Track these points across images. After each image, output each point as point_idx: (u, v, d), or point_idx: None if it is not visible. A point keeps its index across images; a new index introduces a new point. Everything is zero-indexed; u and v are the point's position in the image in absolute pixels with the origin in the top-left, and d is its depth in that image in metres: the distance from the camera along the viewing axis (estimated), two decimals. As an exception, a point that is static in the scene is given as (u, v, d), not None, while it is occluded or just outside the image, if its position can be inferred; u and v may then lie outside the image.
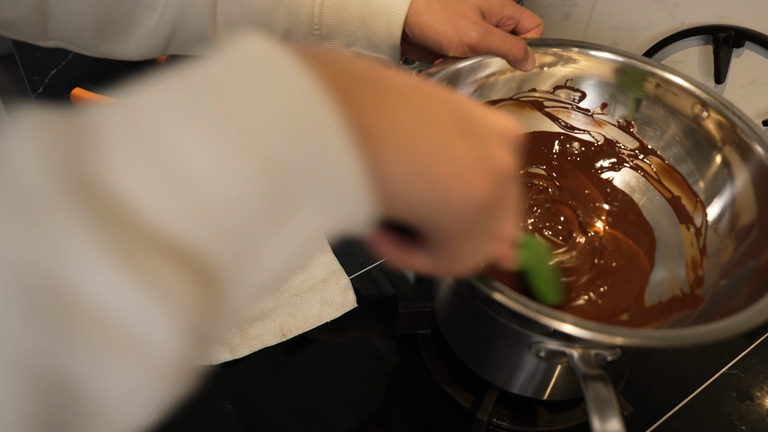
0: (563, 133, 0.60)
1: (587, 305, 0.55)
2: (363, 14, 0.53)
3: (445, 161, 0.23)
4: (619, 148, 0.59)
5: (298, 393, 0.63)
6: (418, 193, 0.23)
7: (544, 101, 0.59)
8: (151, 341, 0.18)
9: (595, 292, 0.56)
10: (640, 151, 0.58)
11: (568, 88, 0.58)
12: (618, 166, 0.59)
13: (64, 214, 0.16)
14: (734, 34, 0.65)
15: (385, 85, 0.23)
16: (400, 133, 0.22)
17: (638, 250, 0.57)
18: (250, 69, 0.19)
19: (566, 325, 0.38)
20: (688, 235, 0.55)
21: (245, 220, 0.19)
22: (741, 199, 0.49)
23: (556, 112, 0.59)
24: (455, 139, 0.24)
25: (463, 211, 0.24)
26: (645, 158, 0.58)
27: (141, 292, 0.17)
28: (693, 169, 0.54)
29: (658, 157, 0.57)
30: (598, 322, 0.51)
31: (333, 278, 0.70)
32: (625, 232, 0.58)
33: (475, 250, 0.28)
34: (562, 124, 0.60)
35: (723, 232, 0.50)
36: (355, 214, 0.21)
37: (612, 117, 0.58)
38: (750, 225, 0.48)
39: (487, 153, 0.25)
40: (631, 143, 0.58)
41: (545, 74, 0.57)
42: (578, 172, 0.60)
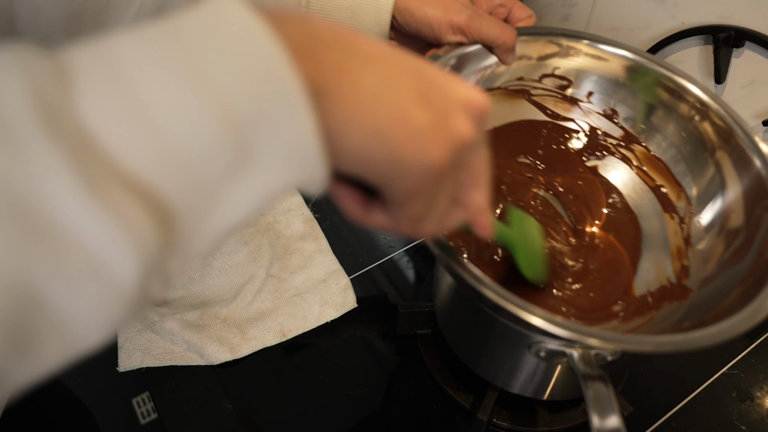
0: (548, 122, 0.60)
1: (578, 297, 0.55)
2: (351, 4, 0.53)
3: (400, 125, 0.24)
4: (604, 136, 0.59)
5: (298, 393, 0.63)
6: (372, 154, 0.24)
7: (530, 90, 0.59)
8: (112, 266, 0.19)
9: (584, 282, 0.56)
10: (625, 139, 0.58)
11: (555, 76, 0.59)
12: (602, 154, 0.60)
13: (41, 144, 0.18)
14: (734, 34, 0.65)
15: (352, 49, 0.24)
16: (358, 96, 0.23)
17: (625, 240, 0.57)
18: (219, 26, 0.21)
19: (562, 330, 0.38)
20: (672, 225, 0.55)
21: (206, 167, 0.21)
22: (731, 202, 0.50)
23: (542, 101, 0.60)
24: (415, 104, 0.25)
25: (416, 173, 0.25)
26: (629, 146, 0.59)
27: (106, 220, 0.19)
28: (678, 158, 0.55)
29: (642, 146, 0.57)
30: (592, 315, 0.52)
31: (333, 278, 0.70)
32: (612, 222, 0.58)
33: (434, 213, 0.29)
34: (549, 112, 0.60)
35: (710, 229, 0.51)
36: (309, 171, 0.23)
37: (598, 107, 0.58)
38: (738, 228, 0.48)
39: (447, 121, 0.26)
40: (616, 132, 0.59)
41: (536, 64, 0.58)
42: (565, 161, 0.60)
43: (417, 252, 0.76)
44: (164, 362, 0.62)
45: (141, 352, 0.63)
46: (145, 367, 0.62)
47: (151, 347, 0.63)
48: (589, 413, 0.43)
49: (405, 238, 0.76)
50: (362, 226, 0.35)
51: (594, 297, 0.55)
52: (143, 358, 0.62)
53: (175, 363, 0.62)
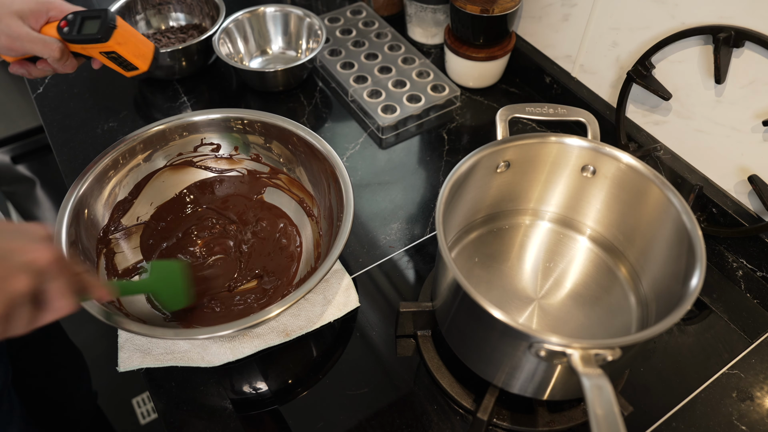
0: (218, 177, 0.79)
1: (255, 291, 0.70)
2: None
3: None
4: (259, 174, 0.79)
5: (298, 393, 0.63)
6: None
7: (193, 159, 0.77)
8: None
9: (260, 280, 0.71)
10: (272, 172, 0.78)
11: (205, 144, 0.77)
12: (262, 188, 0.79)
13: None
14: (734, 34, 0.65)
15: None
16: None
17: (288, 245, 0.74)
18: None
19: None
20: (313, 225, 0.74)
21: None
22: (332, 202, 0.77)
23: (205, 163, 0.78)
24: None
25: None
26: (277, 176, 0.78)
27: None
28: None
29: (285, 173, 0.77)
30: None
31: (335, 278, 0.70)
32: (277, 234, 0.76)
33: (17, 328, 0.43)
34: (214, 170, 0.79)
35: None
36: None
37: (246, 155, 0.78)
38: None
39: (4, 284, 0.40)
40: (264, 168, 0.78)
41: (188, 139, 0.76)
42: (238, 199, 0.79)
43: (417, 252, 0.76)
44: (164, 363, 0.62)
45: (141, 353, 0.63)
46: (145, 367, 0.62)
47: (152, 348, 0.63)
48: (590, 415, 0.43)
49: (404, 243, 0.77)
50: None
51: (271, 293, 0.70)
52: (143, 358, 0.62)
53: (176, 364, 0.62)
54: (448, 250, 0.54)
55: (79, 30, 0.62)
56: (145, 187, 0.74)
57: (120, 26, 0.64)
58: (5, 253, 0.41)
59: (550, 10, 0.89)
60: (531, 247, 0.70)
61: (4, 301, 0.40)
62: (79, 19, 0.63)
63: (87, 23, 0.63)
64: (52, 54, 0.62)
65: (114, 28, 0.63)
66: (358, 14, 1.08)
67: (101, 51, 0.64)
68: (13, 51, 0.62)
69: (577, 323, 0.63)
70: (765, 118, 0.66)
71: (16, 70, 0.66)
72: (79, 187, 0.66)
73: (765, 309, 0.70)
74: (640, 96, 0.80)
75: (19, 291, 0.41)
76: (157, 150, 0.74)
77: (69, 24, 0.63)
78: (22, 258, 0.42)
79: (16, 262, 0.41)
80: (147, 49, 0.68)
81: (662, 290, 0.59)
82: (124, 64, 0.67)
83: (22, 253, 0.42)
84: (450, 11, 0.91)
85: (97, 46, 0.63)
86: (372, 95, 0.93)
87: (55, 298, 0.45)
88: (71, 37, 0.62)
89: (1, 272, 0.40)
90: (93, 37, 0.62)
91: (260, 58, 1.02)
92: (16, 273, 0.41)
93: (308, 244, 0.73)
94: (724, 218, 0.73)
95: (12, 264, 0.41)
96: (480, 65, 0.93)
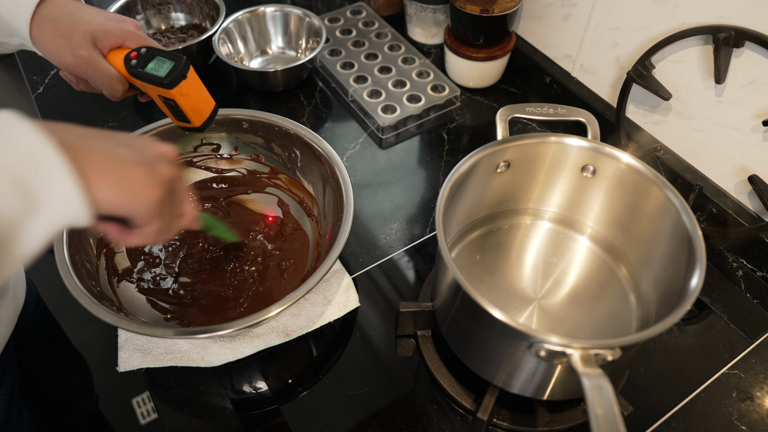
0: (217, 177, 0.80)
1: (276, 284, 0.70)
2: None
3: (128, 180, 0.40)
4: (259, 174, 0.79)
5: (298, 393, 0.63)
6: (118, 199, 0.40)
7: (193, 159, 0.78)
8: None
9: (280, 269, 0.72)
10: (272, 172, 0.79)
11: (205, 144, 0.77)
12: (262, 187, 0.79)
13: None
14: (734, 34, 0.65)
15: (91, 138, 0.40)
16: (100, 167, 0.39)
17: (300, 242, 0.75)
18: (9, 129, 0.35)
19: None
20: (313, 224, 0.75)
21: (7, 212, 0.34)
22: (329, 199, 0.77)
23: (205, 163, 0.79)
24: (133, 165, 0.41)
25: (147, 205, 0.42)
26: (277, 176, 0.78)
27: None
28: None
29: (284, 173, 0.78)
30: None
31: (335, 277, 0.70)
32: (287, 232, 0.76)
33: (167, 225, 0.47)
34: (214, 169, 0.79)
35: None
36: (78, 215, 0.37)
37: (246, 155, 0.79)
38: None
39: (154, 169, 0.42)
40: (264, 168, 0.79)
41: (187, 138, 0.76)
42: (237, 201, 0.79)
43: (417, 252, 0.76)
44: (164, 363, 0.62)
45: (141, 353, 0.63)
46: (145, 367, 0.62)
47: (152, 348, 0.63)
48: (590, 415, 0.43)
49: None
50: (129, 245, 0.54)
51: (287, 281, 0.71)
52: (143, 358, 0.62)
53: (176, 364, 0.62)
54: (448, 250, 0.54)
55: (146, 67, 0.58)
56: (145, 188, 0.74)
57: (189, 78, 0.60)
58: (141, 146, 0.43)
59: (550, 10, 0.89)
60: (531, 247, 0.70)
61: (159, 185, 0.43)
62: (150, 55, 0.59)
63: (157, 62, 0.58)
64: (113, 92, 0.59)
65: (183, 78, 0.59)
66: (358, 14, 1.08)
67: (160, 95, 0.60)
68: (74, 72, 0.59)
69: (577, 323, 0.63)
70: (765, 118, 0.66)
71: (66, 76, 0.62)
72: (79, 187, 0.66)
73: (765, 309, 0.70)
74: (640, 96, 0.80)
75: (168, 176, 0.44)
76: None
77: (138, 58, 0.58)
78: (155, 150, 0.45)
79: (152, 153, 0.44)
80: (207, 107, 0.64)
81: (662, 290, 0.59)
82: (178, 114, 0.63)
83: (153, 147, 0.45)
84: (450, 11, 0.91)
85: (159, 89, 0.59)
86: (372, 95, 0.93)
87: (185, 201, 0.48)
88: (136, 72, 0.58)
89: (148, 159, 0.42)
90: (158, 81, 0.58)
91: (260, 58, 1.02)
92: (157, 161, 0.43)
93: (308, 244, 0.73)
94: (724, 218, 0.73)
95: (150, 153, 0.43)
96: (480, 65, 0.93)
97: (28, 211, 0.35)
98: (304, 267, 0.71)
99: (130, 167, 0.41)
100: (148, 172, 0.42)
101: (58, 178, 0.35)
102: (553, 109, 0.65)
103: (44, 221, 0.36)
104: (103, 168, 0.39)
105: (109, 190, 0.39)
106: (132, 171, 0.41)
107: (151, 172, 0.42)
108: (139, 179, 0.41)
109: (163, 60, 0.59)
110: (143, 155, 0.42)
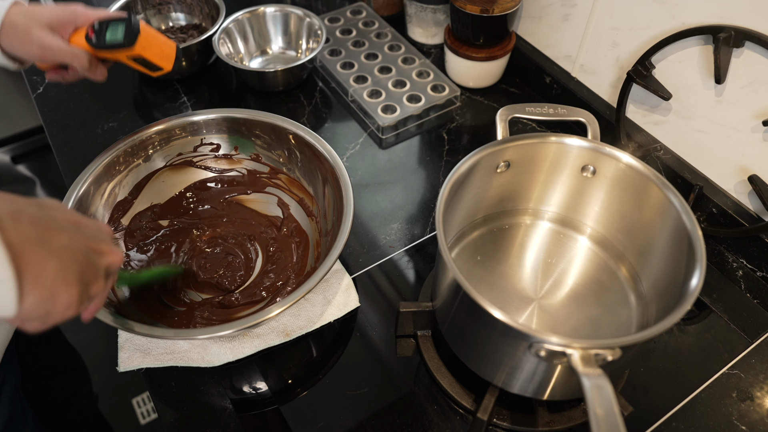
0: (217, 177, 0.79)
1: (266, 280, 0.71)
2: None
3: (55, 291, 0.40)
4: (259, 174, 0.79)
5: (298, 393, 0.63)
6: (41, 311, 0.39)
7: (192, 159, 0.77)
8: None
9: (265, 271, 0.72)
10: (272, 172, 0.78)
11: (205, 144, 0.77)
12: (262, 187, 0.79)
13: None
14: (734, 34, 0.65)
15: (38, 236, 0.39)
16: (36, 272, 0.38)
17: (300, 242, 0.75)
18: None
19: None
20: (313, 224, 0.74)
21: None
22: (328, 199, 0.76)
23: (205, 163, 0.78)
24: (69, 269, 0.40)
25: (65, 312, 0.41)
26: (277, 176, 0.78)
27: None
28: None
29: (284, 173, 0.77)
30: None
31: (335, 277, 0.70)
32: (287, 232, 0.76)
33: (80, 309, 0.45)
34: (213, 169, 0.79)
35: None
36: (3, 315, 0.38)
37: (246, 155, 0.78)
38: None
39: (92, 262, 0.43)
40: (264, 168, 0.78)
41: (188, 140, 0.76)
42: (236, 201, 0.79)
43: (417, 252, 0.76)
44: (164, 363, 0.62)
45: (141, 353, 0.62)
46: (145, 367, 0.62)
47: (152, 348, 0.63)
48: (590, 415, 0.43)
49: (405, 245, 0.77)
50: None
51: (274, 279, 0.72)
52: (143, 358, 0.62)
53: (176, 364, 0.62)
54: (448, 250, 0.54)
55: (105, 37, 0.65)
56: (144, 188, 0.74)
57: (143, 30, 0.66)
58: (93, 256, 0.43)
59: (550, 10, 0.89)
60: (531, 246, 0.70)
61: (82, 300, 0.42)
62: (105, 26, 0.65)
63: (111, 30, 0.65)
64: (81, 64, 0.65)
65: (138, 33, 0.65)
66: (358, 14, 1.08)
67: (128, 56, 0.67)
68: (45, 61, 0.65)
69: (577, 323, 0.63)
70: (765, 118, 0.66)
71: (53, 77, 0.69)
72: (79, 187, 0.66)
73: (765, 309, 0.70)
74: (640, 96, 0.80)
75: (97, 291, 0.45)
76: (156, 150, 0.74)
77: (95, 33, 0.65)
78: (105, 261, 0.45)
79: (99, 265, 0.44)
80: (170, 49, 0.71)
81: (662, 290, 0.59)
82: (149, 65, 0.69)
83: (104, 256, 0.45)
84: (450, 11, 0.91)
85: (124, 51, 0.66)
86: (372, 95, 0.93)
87: (103, 296, 0.48)
88: (99, 45, 0.64)
89: (90, 276, 0.43)
90: (119, 44, 0.65)
91: (260, 58, 1.02)
92: (99, 276, 0.44)
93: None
94: (724, 218, 0.73)
95: (97, 267, 0.44)
96: (480, 65, 0.93)
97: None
98: (304, 267, 0.71)
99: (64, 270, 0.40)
100: (77, 275, 0.41)
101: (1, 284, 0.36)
102: (553, 109, 0.65)
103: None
104: (39, 275, 0.38)
105: (35, 303, 0.39)
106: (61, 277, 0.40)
107: (82, 269, 0.42)
108: (64, 287, 0.40)
109: (116, 25, 0.65)
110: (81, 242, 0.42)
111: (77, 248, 0.42)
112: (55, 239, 0.40)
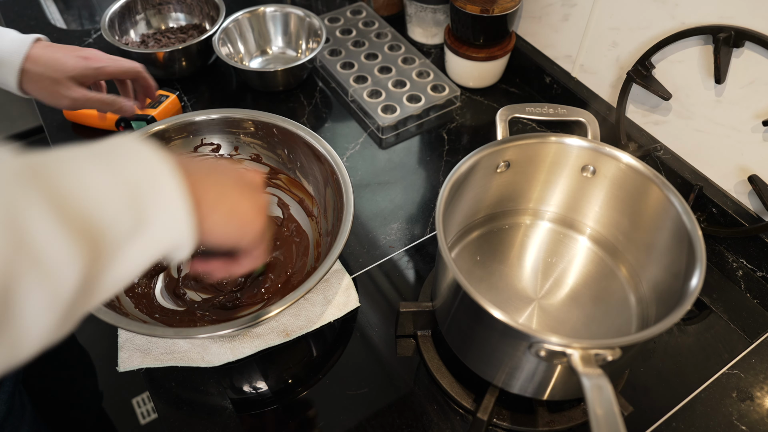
0: None
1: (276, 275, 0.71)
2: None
3: (236, 211, 0.44)
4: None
5: (298, 393, 0.63)
6: (228, 230, 0.43)
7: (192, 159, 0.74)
8: (62, 272, 0.29)
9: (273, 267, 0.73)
10: (272, 172, 0.79)
11: (205, 144, 0.77)
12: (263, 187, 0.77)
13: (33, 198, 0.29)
14: (734, 34, 0.65)
15: (206, 170, 0.42)
16: (212, 200, 0.41)
17: (300, 242, 0.75)
18: (134, 151, 0.36)
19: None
20: (313, 224, 0.75)
21: (118, 226, 0.33)
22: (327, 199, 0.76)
23: None
24: (239, 197, 0.44)
25: (255, 233, 0.46)
26: (277, 176, 0.78)
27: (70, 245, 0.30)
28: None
29: (285, 173, 0.78)
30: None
31: (335, 277, 0.70)
32: (287, 232, 0.76)
33: (263, 251, 0.49)
34: None
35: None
36: (183, 242, 0.38)
37: (246, 155, 0.79)
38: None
39: (256, 199, 0.46)
40: (264, 168, 0.79)
41: (189, 139, 0.77)
42: None
43: (417, 252, 0.76)
44: (164, 363, 0.62)
45: (141, 353, 0.62)
46: (145, 367, 0.62)
47: (152, 348, 0.63)
48: (590, 415, 0.43)
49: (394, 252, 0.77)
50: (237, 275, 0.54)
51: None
52: (143, 358, 0.62)
53: (176, 364, 0.62)
54: (448, 250, 0.54)
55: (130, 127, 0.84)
56: (145, 187, 0.74)
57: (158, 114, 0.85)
58: (238, 176, 0.46)
59: (550, 10, 0.89)
60: (531, 247, 0.70)
61: (262, 214, 0.46)
62: (128, 123, 0.84)
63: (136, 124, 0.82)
64: (120, 107, 0.73)
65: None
66: (358, 14, 1.08)
67: None
68: (76, 109, 0.72)
69: (577, 323, 0.63)
70: (765, 118, 0.66)
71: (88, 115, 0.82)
72: (79, 187, 0.66)
73: (765, 309, 0.70)
74: (640, 96, 0.80)
75: (265, 202, 0.48)
76: None
77: (123, 127, 0.84)
78: (250, 178, 0.48)
79: (248, 181, 0.47)
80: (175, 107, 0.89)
81: (662, 290, 0.59)
82: None
83: (247, 175, 0.48)
84: (450, 11, 0.91)
85: None
86: (372, 95, 0.93)
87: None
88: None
89: (249, 191, 0.46)
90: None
91: (260, 58, 1.02)
92: (254, 188, 0.47)
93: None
94: (724, 218, 0.73)
95: (247, 182, 0.47)
96: (480, 65, 0.93)
97: (134, 228, 0.34)
98: (304, 267, 0.71)
99: (236, 200, 0.44)
100: (252, 204, 0.45)
101: (171, 198, 0.36)
102: (553, 109, 0.65)
103: (146, 243, 0.35)
104: (214, 202, 0.41)
105: (220, 223, 0.42)
106: (238, 203, 0.44)
107: (253, 204, 0.45)
108: (246, 210, 0.44)
109: (138, 125, 0.82)
110: (243, 185, 0.45)
111: (240, 183, 0.45)
112: (220, 174, 0.44)
